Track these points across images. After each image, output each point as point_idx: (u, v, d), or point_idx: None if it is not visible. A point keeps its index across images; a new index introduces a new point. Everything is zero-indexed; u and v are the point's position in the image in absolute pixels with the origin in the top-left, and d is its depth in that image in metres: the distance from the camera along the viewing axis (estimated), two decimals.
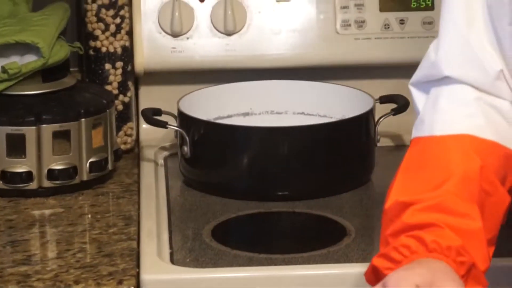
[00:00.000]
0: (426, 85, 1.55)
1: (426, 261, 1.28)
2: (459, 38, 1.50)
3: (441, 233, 1.31)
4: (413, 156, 1.49)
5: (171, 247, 1.83)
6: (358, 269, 1.70)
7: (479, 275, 1.33)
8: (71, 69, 2.12)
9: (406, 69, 2.18)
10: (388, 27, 2.39)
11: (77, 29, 2.21)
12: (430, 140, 1.48)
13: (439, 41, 1.53)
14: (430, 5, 2.40)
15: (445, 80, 1.50)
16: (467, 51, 1.49)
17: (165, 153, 2.24)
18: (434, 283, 1.24)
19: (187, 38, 2.27)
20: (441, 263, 1.29)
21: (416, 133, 1.51)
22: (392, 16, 2.39)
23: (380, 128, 2.23)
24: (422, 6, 2.41)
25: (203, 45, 2.29)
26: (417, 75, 1.58)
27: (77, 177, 2.03)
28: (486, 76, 1.48)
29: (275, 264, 1.79)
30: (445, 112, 1.49)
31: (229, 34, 2.28)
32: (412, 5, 2.40)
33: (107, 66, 2.23)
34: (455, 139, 1.45)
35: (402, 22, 2.41)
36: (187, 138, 2.07)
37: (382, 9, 2.33)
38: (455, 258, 1.30)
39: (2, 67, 2.01)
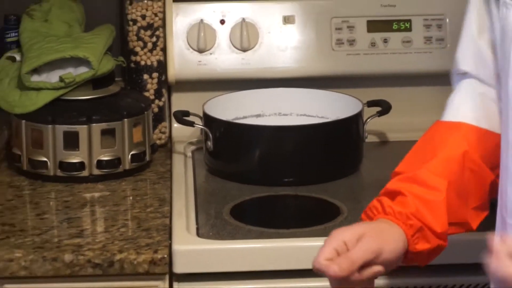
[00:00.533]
0: (456, 77, 1.56)
1: (383, 221, 1.37)
2: (472, 42, 1.50)
3: (402, 200, 1.38)
4: (424, 136, 1.52)
5: (197, 223, 1.84)
6: None
7: (429, 235, 1.37)
8: (116, 78, 2.13)
9: (389, 79, 2.23)
10: (374, 45, 2.41)
11: (120, 46, 2.21)
12: (439, 124, 1.51)
13: (459, 44, 1.55)
14: (408, 27, 2.41)
15: (463, 75, 1.52)
16: (477, 53, 1.49)
17: (193, 147, 2.24)
18: (363, 237, 1.31)
19: (210, 54, 2.27)
20: (392, 224, 1.35)
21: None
22: (378, 36, 2.40)
23: (367, 127, 2.24)
24: (402, 28, 2.42)
25: (223, 59, 2.28)
26: (453, 68, 1.58)
27: (120, 166, 2.05)
28: (490, 73, 1.47)
29: (282, 237, 1.81)
30: (456, 103, 1.51)
31: (244, 50, 2.27)
32: (393, 27, 2.41)
33: (145, 76, 2.24)
34: (454, 125, 1.47)
35: (385, 41, 2.42)
36: (210, 135, 2.08)
37: (369, 30, 2.34)
38: (405, 221, 1.35)
39: (60, 77, 2.01)
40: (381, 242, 1.30)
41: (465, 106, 1.49)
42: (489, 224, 1.52)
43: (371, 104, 2.24)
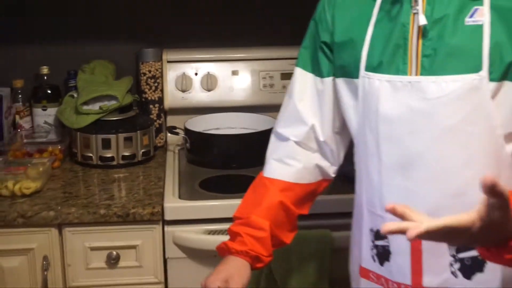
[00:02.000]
0: (275, 134, 1.45)
1: (232, 258, 1.32)
2: (291, 104, 1.39)
3: (241, 240, 1.33)
4: (252, 185, 1.44)
5: (179, 191, 1.84)
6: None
7: (262, 258, 1.33)
8: (133, 107, 2.16)
9: None
10: (285, 87, 2.16)
11: (136, 88, 2.24)
12: (261, 177, 1.42)
13: (281, 110, 1.45)
14: None
15: (277, 134, 1.44)
16: (296, 118, 1.39)
17: (178, 147, 2.20)
18: (230, 273, 1.29)
19: (189, 93, 2.23)
20: (237, 258, 1.31)
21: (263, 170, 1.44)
22: (287, 82, 2.24)
23: None
24: None
25: (197, 96, 2.25)
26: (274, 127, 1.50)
27: (135, 158, 2.06)
28: (303, 133, 1.38)
29: (228, 198, 1.76)
30: (272, 162, 1.42)
31: (209, 90, 2.23)
32: None
33: (151, 106, 2.24)
34: (271, 181, 1.39)
35: None
36: (188, 140, 2.07)
37: (282, 78, 2.26)
38: (245, 256, 1.31)
39: (100, 107, 2.03)
40: (242, 279, 1.29)
41: (280, 166, 1.40)
42: None
43: None
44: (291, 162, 1.39)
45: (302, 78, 1.37)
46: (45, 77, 2.15)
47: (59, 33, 2.21)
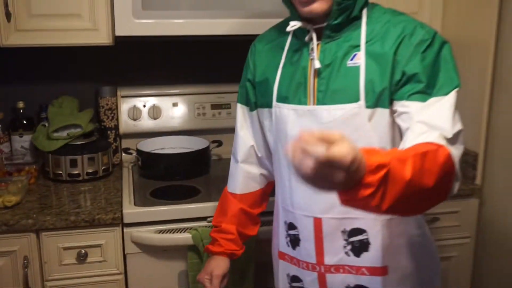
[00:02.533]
0: (233, 159, 1.49)
1: (213, 257, 1.45)
2: (239, 137, 1.43)
3: (218, 244, 1.43)
4: (221, 198, 1.50)
5: (134, 199, 1.78)
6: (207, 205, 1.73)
7: (236, 253, 1.44)
8: (95, 133, 2.11)
9: (223, 130, 2.23)
10: (215, 115, 2.26)
11: (96, 118, 2.16)
12: (226, 192, 1.49)
13: (234, 139, 1.48)
14: (229, 107, 2.25)
15: (233, 157, 1.48)
16: (242, 144, 1.43)
17: (132, 164, 2.15)
18: (212, 268, 1.42)
19: (139, 121, 2.17)
20: (218, 257, 1.44)
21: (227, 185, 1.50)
22: (216, 111, 2.26)
23: (212, 152, 2.16)
24: (226, 107, 2.27)
25: (145, 123, 2.18)
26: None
27: (97, 174, 2.00)
28: (246, 152, 1.43)
29: (175, 204, 1.75)
30: (233, 179, 1.46)
31: (155, 119, 2.17)
32: (222, 107, 2.27)
33: (109, 132, 2.16)
34: (232, 194, 1.46)
35: (219, 113, 2.26)
36: (140, 158, 2.02)
37: (212, 108, 2.23)
38: (223, 254, 1.43)
39: (67, 134, 1.98)
40: (221, 270, 1.41)
41: (238, 183, 1.45)
42: None
43: (214, 141, 2.15)
44: (240, 179, 1.44)
45: (241, 111, 1.41)
46: (21, 110, 2.10)
47: (32, 74, 2.16)
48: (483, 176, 1.88)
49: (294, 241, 1.28)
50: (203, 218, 1.71)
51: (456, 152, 0.99)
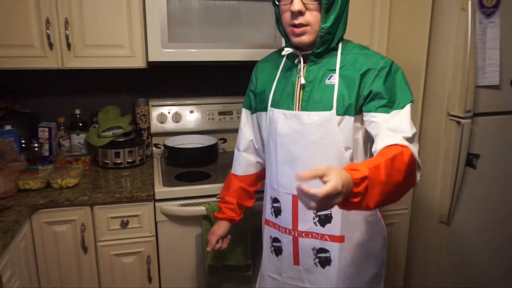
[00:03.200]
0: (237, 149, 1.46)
1: (218, 222, 1.45)
2: (242, 133, 1.41)
3: (222, 211, 1.44)
4: (227, 178, 1.48)
5: (162, 181, 1.75)
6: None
7: (235, 219, 1.44)
8: (132, 133, 2.09)
9: (225, 131, 2.18)
10: (220, 120, 2.19)
11: (133, 121, 2.11)
12: (230, 173, 1.47)
13: (238, 134, 1.44)
14: (231, 113, 2.17)
15: (236, 147, 1.45)
16: (243, 138, 1.41)
17: (160, 155, 2.08)
18: (215, 229, 1.43)
19: (165, 124, 2.12)
20: (222, 221, 1.44)
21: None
22: (222, 117, 2.19)
23: (219, 147, 2.09)
24: (228, 114, 2.18)
25: (169, 126, 2.11)
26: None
27: (135, 163, 1.96)
28: (247, 144, 1.40)
29: (192, 185, 1.70)
30: (236, 164, 1.44)
31: (177, 122, 2.11)
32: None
33: (143, 132, 2.10)
34: (234, 175, 1.45)
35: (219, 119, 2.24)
36: (166, 151, 1.98)
37: (219, 115, 2.16)
38: (224, 220, 1.43)
39: (113, 133, 1.96)
40: (221, 230, 1.42)
41: (240, 167, 1.42)
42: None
43: (220, 139, 2.08)
44: (241, 164, 1.43)
45: (245, 114, 1.40)
46: (78, 116, 2.08)
47: (86, 89, 2.13)
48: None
49: (277, 211, 1.27)
50: (213, 195, 1.70)
51: (415, 149, 1.00)
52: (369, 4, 1.87)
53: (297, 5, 1.05)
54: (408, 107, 1.08)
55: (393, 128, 1.04)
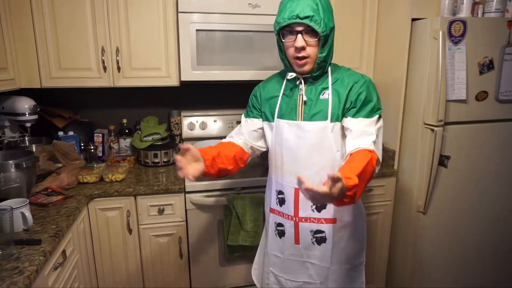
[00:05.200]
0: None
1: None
2: (238, 128, 1.29)
3: (207, 158, 1.12)
4: (219, 144, 1.26)
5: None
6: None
7: (211, 172, 1.14)
8: (168, 138, 2.04)
9: None
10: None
11: (169, 128, 2.10)
12: (224, 142, 1.29)
13: (234, 129, 1.33)
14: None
15: (229, 137, 1.30)
16: (237, 131, 1.31)
17: None
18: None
19: (194, 131, 2.06)
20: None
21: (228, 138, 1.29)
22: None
23: None
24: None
25: (196, 132, 2.06)
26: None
27: (169, 162, 1.95)
28: (242, 140, 1.29)
29: (215, 180, 1.66)
30: (232, 134, 1.31)
31: (203, 129, 2.05)
32: None
33: (176, 137, 2.09)
34: (227, 142, 1.29)
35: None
36: None
37: (236, 124, 2.07)
38: (205, 162, 1.10)
39: (152, 138, 1.95)
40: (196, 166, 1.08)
41: (234, 135, 1.30)
42: None
43: None
44: (233, 137, 1.31)
45: (243, 120, 1.33)
46: (125, 124, 2.08)
47: (132, 102, 2.13)
48: (398, 164, 1.86)
49: (281, 201, 1.26)
50: (232, 189, 1.69)
51: (379, 152, 1.08)
52: (358, 33, 1.88)
53: (300, 42, 1.08)
54: (375, 117, 1.12)
55: (363, 131, 1.09)
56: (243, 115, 1.35)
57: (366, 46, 1.89)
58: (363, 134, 1.09)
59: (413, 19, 1.64)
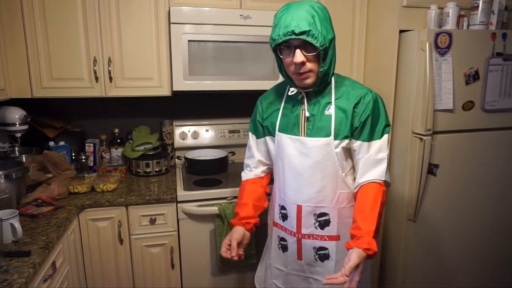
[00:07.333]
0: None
1: (236, 228, 1.22)
2: (249, 151, 1.31)
3: (238, 218, 1.24)
4: (241, 189, 1.31)
5: (183, 186, 1.73)
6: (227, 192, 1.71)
7: (251, 223, 1.23)
8: (159, 147, 2.06)
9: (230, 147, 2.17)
10: (230, 137, 2.14)
11: (161, 138, 2.10)
12: (244, 182, 1.32)
13: (246, 154, 1.34)
14: (238, 131, 2.20)
15: (245, 165, 1.34)
16: (250, 156, 1.32)
17: (181, 165, 2.04)
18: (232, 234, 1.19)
19: (186, 140, 2.07)
20: (239, 227, 1.21)
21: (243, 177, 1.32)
22: (232, 135, 2.15)
23: (229, 159, 2.04)
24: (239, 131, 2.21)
25: (189, 142, 2.07)
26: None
27: (161, 172, 1.97)
28: (256, 162, 1.31)
29: (207, 190, 1.67)
30: (243, 174, 1.34)
31: (195, 139, 2.06)
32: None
33: (168, 146, 2.10)
34: (246, 180, 1.32)
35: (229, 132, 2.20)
36: (186, 162, 1.95)
37: (229, 133, 2.13)
38: (242, 225, 1.22)
39: (144, 148, 1.96)
40: (239, 237, 1.18)
41: (247, 173, 1.32)
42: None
43: (230, 152, 2.05)
44: (252, 175, 1.33)
45: (252, 138, 1.33)
46: (116, 133, 2.08)
47: (124, 112, 2.13)
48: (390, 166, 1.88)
49: (284, 217, 1.24)
50: (224, 198, 1.70)
51: (388, 180, 1.12)
52: (348, 43, 1.89)
53: (299, 58, 1.02)
54: (385, 136, 1.10)
55: (375, 160, 1.09)
56: (250, 133, 1.31)
57: (355, 57, 1.89)
58: (375, 163, 1.07)
59: (401, 31, 1.65)
